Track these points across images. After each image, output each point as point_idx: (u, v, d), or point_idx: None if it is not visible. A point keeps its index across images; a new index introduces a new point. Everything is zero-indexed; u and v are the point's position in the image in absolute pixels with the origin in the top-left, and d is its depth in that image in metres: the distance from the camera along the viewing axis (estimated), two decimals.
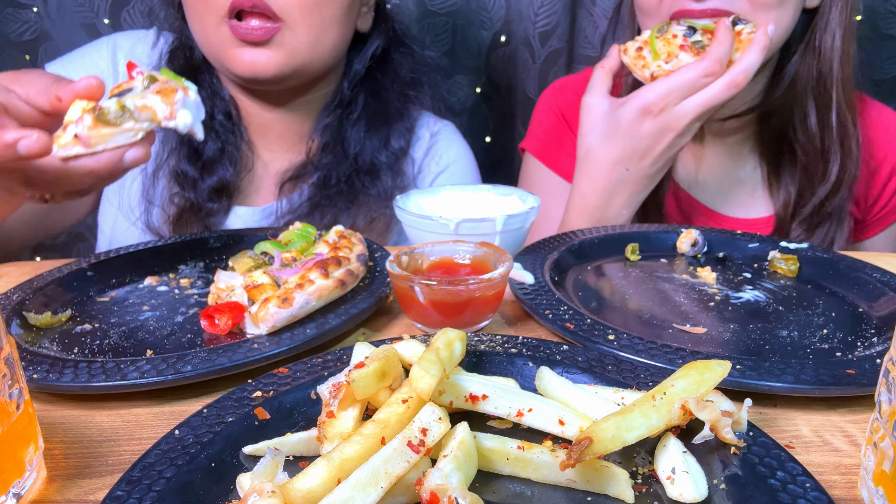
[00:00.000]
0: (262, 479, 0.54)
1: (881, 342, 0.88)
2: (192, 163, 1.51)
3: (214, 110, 1.53)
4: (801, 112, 1.50)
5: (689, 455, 0.61)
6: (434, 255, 0.99)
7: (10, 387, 0.60)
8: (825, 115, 1.48)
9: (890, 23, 2.13)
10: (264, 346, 0.85)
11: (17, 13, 1.99)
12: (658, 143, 1.30)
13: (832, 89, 1.46)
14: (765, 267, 1.18)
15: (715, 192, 1.63)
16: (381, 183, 1.55)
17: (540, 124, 1.80)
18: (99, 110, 0.96)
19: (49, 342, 0.92)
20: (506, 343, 0.81)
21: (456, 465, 0.57)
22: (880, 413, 0.58)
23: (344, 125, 1.56)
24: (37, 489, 0.64)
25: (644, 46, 1.36)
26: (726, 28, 1.28)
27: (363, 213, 1.53)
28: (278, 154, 1.61)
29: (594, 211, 1.40)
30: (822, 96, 1.48)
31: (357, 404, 0.64)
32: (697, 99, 1.26)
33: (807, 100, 1.49)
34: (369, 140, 1.56)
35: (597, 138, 1.37)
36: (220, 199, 1.52)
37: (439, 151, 1.69)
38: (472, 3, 2.12)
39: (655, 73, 1.33)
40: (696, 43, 1.31)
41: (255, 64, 1.39)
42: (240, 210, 1.56)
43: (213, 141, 1.52)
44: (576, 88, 1.76)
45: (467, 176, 1.73)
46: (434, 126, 1.72)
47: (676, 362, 0.77)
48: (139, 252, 1.21)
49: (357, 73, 1.58)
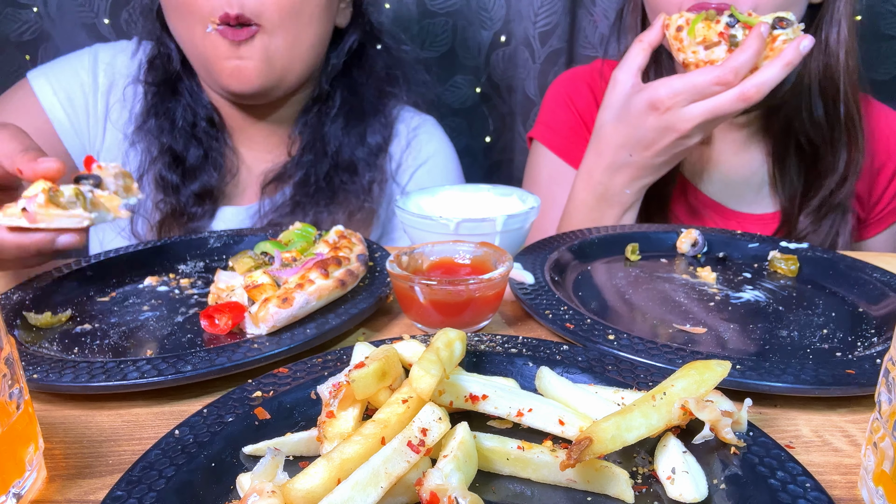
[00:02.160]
0: (262, 479, 0.54)
1: (881, 342, 0.88)
2: (174, 170, 1.52)
3: (197, 118, 1.55)
4: (809, 105, 1.50)
5: (689, 455, 0.61)
6: (434, 255, 0.99)
7: (10, 387, 0.60)
8: (832, 106, 1.49)
9: (890, 23, 2.13)
10: (264, 346, 0.85)
11: (17, 13, 1.99)
12: (661, 139, 1.30)
13: (839, 81, 1.47)
14: (765, 267, 1.18)
15: (722, 186, 1.64)
16: (359, 179, 1.57)
17: (550, 113, 1.80)
18: (54, 191, 0.99)
19: (49, 342, 0.92)
20: (506, 343, 0.81)
21: (456, 465, 0.57)
22: (880, 413, 0.58)
23: (323, 122, 1.59)
24: (37, 489, 0.64)
25: (685, 26, 1.31)
26: (758, 35, 1.22)
27: (343, 208, 1.56)
28: (261, 154, 1.63)
29: (598, 186, 1.40)
30: (830, 88, 1.48)
31: (357, 404, 0.64)
32: (704, 105, 1.24)
33: (814, 92, 1.49)
34: (347, 137, 1.59)
35: (610, 117, 1.37)
36: (203, 203, 1.54)
37: (418, 146, 1.70)
38: (472, 3, 2.12)
39: (687, 60, 1.30)
40: (732, 37, 1.26)
41: (241, 73, 1.41)
42: (226, 210, 1.58)
43: (196, 147, 1.53)
44: (586, 79, 1.78)
45: (447, 170, 1.74)
46: (413, 121, 1.73)
47: (676, 362, 0.77)
48: (139, 252, 1.21)
49: (334, 68, 1.60)
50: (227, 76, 1.43)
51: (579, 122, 1.76)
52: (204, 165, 1.54)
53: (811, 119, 1.50)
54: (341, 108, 1.60)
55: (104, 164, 1.11)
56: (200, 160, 1.53)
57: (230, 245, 1.27)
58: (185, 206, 1.51)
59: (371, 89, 1.64)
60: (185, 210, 1.51)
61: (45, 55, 2.04)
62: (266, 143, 1.63)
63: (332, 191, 1.55)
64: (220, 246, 1.27)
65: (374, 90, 1.64)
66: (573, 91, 1.78)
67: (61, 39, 2.04)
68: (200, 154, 1.53)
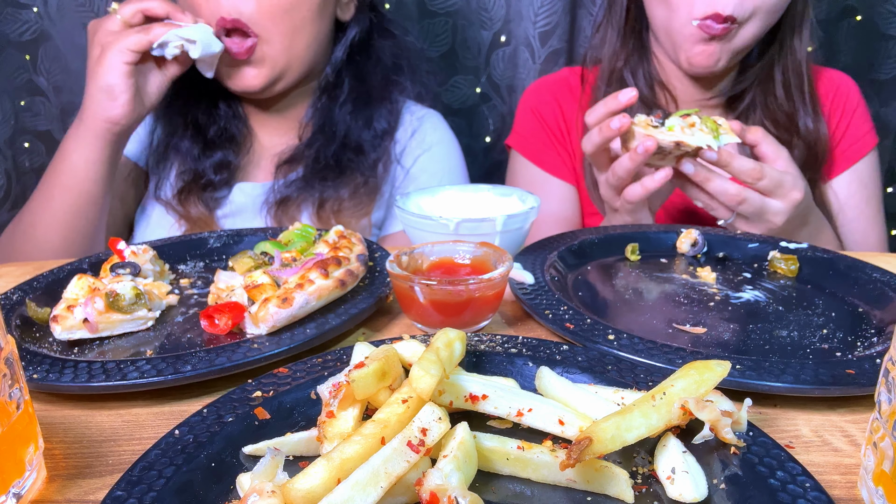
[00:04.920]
0: (262, 478, 0.54)
1: (881, 342, 0.88)
2: (195, 141, 1.65)
3: (217, 99, 1.68)
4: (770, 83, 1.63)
5: (689, 455, 0.61)
6: (434, 255, 0.99)
7: (10, 387, 0.60)
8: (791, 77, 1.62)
9: (890, 23, 2.13)
10: (264, 346, 0.85)
11: (17, 13, 1.99)
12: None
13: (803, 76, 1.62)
14: (765, 267, 1.18)
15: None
16: (365, 157, 1.67)
17: (520, 122, 1.90)
18: (114, 296, 0.92)
19: (49, 342, 0.92)
20: (506, 343, 0.81)
21: (456, 465, 0.57)
22: (880, 413, 0.58)
23: (332, 107, 1.68)
24: (37, 489, 0.64)
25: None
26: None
27: (348, 182, 1.64)
28: (275, 137, 1.72)
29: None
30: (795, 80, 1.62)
31: (357, 404, 0.64)
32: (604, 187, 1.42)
33: (777, 83, 1.62)
34: (355, 121, 1.68)
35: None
36: (222, 172, 1.65)
37: (423, 133, 1.77)
38: (472, 3, 2.12)
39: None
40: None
41: (243, 77, 1.55)
42: (243, 186, 1.67)
43: (216, 123, 1.67)
44: (552, 89, 1.87)
45: (450, 159, 1.81)
46: (419, 112, 1.80)
47: (676, 362, 0.77)
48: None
49: (338, 60, 1.68)
50: (227, 80, 1.56)
51: (546, 132, 1.83)
52: (222, 140, 1.67)
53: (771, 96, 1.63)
54: (349, 95, 1.68)
55: (136, 249, 1.08)
56: (219, 134, 1.67)
57: (230, 245, 1.27)
58: (204, 173, 1.63)
59: (378, 77, 1.72)
60: (206, 175, 1.63)
61: (45, 55, 2.04)
62: (278, 128, 1.73)
63: (339, 168, 1.64)
64: (220, 246, 1.27)
65: (380, 78, 1.73)
66: (538, 102, 1.86)
67: (61, 39, 2.04)
68: (220, 129, 1.67)
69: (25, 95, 2.05)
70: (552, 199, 1.78)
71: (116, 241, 1.09)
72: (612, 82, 1.69)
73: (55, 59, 2.05)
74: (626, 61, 1.69)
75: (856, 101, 1.75)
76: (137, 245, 1.10)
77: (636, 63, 1.69)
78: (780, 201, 1.30)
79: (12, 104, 2.03)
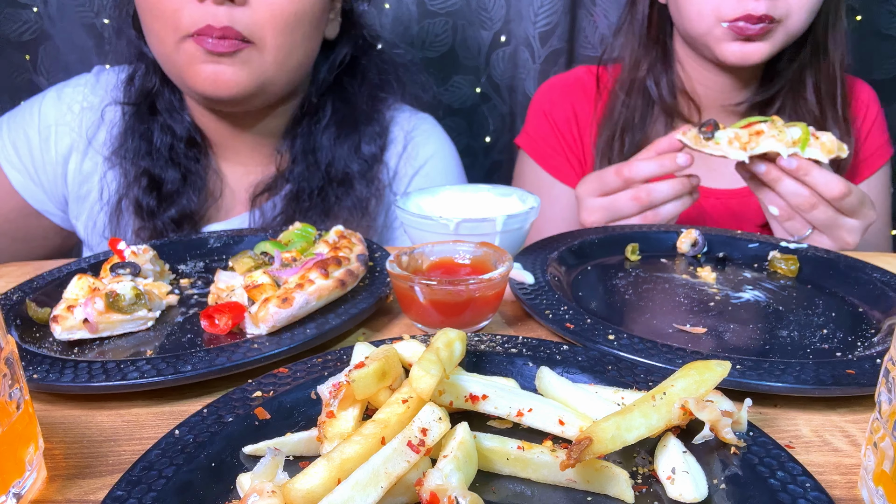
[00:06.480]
0: (262, 479, 0.54)
1: (881, 342, 0.88)
2: (150, 195, 1.47)
3: (175, 138, 1.49)
4: (801, 88, 1.60)
5: (689, 455, 0.61)
6: (434, 255, 0.99)
7: (10, 387, 0.60)
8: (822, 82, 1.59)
9: (890, 23, 2.13)
10: (264, 346, 0.85)
11: (17, 13, 1.99)
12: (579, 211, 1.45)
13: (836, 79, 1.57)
14: (765, 267, 1.18)
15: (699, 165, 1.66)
16: (354, 193, 1.51)
17: (531, 122, 1.86)
18: (114, 296, 0.92)
19: (49, 342, 0.92)
20: (506, 343, 0.81)
21: (456, 465, 0.57)
22: (880, 413, 0.58)
23: (314, 132, 1.52)
24: (37, 489, 0.64)
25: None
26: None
27: (335, 221, 1.49)
28: (250, 168, 1.57)
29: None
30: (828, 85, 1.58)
31: (357, 404, 0.64)
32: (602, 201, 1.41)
33: (809, 89, 1.58)
34: (339, 147, 1.52)
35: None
36: (182, 228, 1.48)
37: (415, 151, 1.64)
38: (472, 3, 2.12)
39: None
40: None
41: (218, 79, 1.32)
42: (211, 227, 1.53)
43: (174, 170, 1.48)
44: (564, 89, 1.83)
45: (446, 170, 1.68)
46: (409, 123, 1.66)
47: (676, 362, 0.77)
48: None
49: (325, 81, 1.54)
50: (202, 80, 1.33)
51: (556, 135, 1.80)
52: (182, 189, 1.48)
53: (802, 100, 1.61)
54: (332, 118, 1.53)
55: (136, 249, 1.07)
56: (178, 183, 1.48)
57: (230, 245, 1.27)
58: (162, 233, 1.46)
59: (363, 97, 1.58)
60: (164, 235, 1.45)
61: (45, 55, 2.05)
62: (252, 158, 1.57)
63: (326, 206, 1.49)
64: (220, 246, 1.27)
65: (366, 97, 1.58)
66: (551, 105, 1.82)
67: (61, 39, 2.04)
68: (178, 177, 1.48)
69: (25, 95, 2.05)
70: (558, 204, 1.76)
71: (117, 241, 1.09)
72: (632, 91, 1.67)
73: (55, 59, 2.05)
74: (648, 70, 1.66)
75: (875, 111, 1.72)
76: (137, 245, 1.10)
77: (659, 72, 1.66)
78: (858, 220, 1.27)
79: (12, 104, 2.03)
